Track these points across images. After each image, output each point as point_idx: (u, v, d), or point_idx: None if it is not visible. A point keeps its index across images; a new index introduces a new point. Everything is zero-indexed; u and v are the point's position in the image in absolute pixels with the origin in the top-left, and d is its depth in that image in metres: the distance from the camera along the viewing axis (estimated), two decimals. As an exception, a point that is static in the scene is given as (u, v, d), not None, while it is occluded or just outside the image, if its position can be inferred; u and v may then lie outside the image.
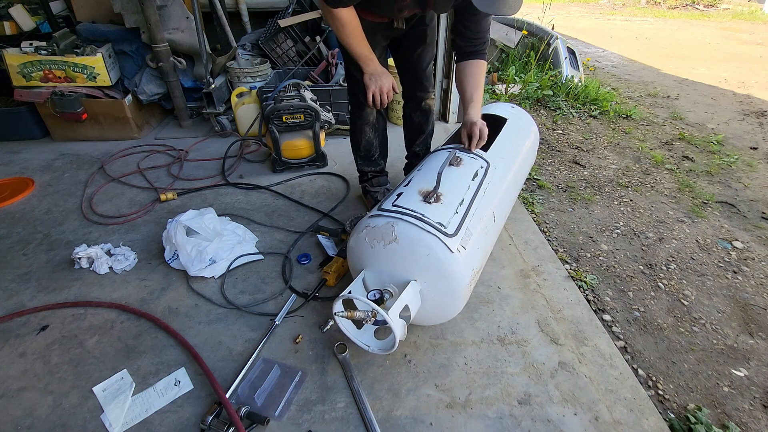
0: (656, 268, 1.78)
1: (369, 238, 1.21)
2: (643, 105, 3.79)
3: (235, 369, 1.24)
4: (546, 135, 3.06)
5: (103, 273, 1.59)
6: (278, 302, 1.48)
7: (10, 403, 1.16)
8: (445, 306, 1.23)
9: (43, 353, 1.30)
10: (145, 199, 2.10)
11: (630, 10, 10.18)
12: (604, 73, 4.94)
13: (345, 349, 1.29)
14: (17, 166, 2.43)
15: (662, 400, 1.26)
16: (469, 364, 1.28)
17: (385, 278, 1.22)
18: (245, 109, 2.54)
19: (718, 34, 7.32)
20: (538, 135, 1.96)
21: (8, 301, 1.49)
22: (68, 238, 1.82)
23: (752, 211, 2.22)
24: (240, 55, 2.92)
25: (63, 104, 2.49)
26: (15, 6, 2.78)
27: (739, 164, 2.71)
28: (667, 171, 2.60)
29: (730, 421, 1.20)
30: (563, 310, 1.49)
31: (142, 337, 1.35)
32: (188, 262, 1.56)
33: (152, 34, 2.52)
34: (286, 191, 2.16)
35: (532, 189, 2.36)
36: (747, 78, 4.68)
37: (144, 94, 2.73)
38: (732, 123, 3.41)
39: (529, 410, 1.16)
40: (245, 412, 1.10)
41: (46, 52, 2.44)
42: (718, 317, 1.56)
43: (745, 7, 10.03)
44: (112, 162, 2.46)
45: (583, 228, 2.04)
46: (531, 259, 1.72)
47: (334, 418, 1.12)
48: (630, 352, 1.41)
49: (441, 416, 1.14)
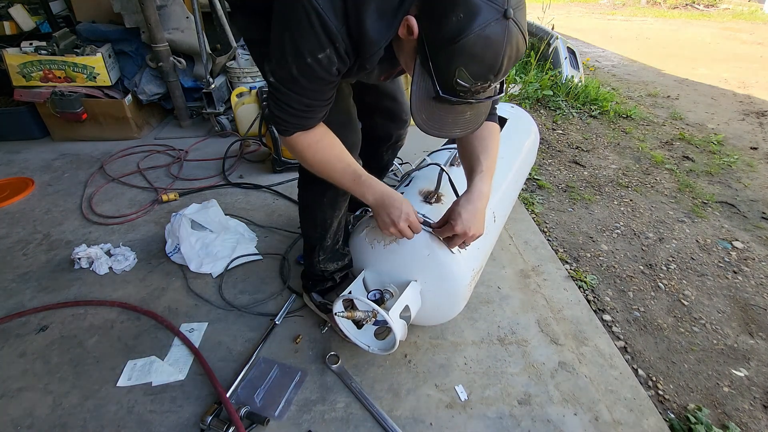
0: (656, 268, 1.78)
1: (369, 238, 1.21)
2: (643, 105, 3.79)
3: (235, 369, 1.24)
4: (546, 135, 3.06)
5: (103, 273, 1.59)
6: (278, 302, 1.48)
7: (10, 403, 1.16)
8: (445, 306, 1.23)
9: (43, 353, 1.30)
10: (145, 199, 2.10)
11: (630, 10, 10.18)
12: (604, 73, 4.94)
13: (337, 360, 1.26)
14: (17, 166, 2.43)
15: (662, 400, 1.26)
16: (469, 364, 1.28)
17: (385, 278, 1.22)
18: (245, 109, 2.53)
19: (718, 34, 7.32)
20: (538, 135, 1.96)
21: (8, 301, 1.49)
22: (68, 238, 1.82)
23: (752, 211, 2.22)
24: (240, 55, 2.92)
25: (63, 104, 2.49)
26: (15, 6, 2.78)
27: (739, 164, 2.71)
28: (667, 171, 2.60)
29: (730, 421, 1.20)
30: (563, 310, 1.48)
31: (142, 337, 1.35)
32: (191, 255, 1.56)
33: (152, 34, 2.52)
34: (286, 191, 2.16)
35: (532, 189, 2.35)
36: (747, 78, 4.67)
37: (144, 94, 2.73)
38: (732, 123, 3.41)
39: (529, 410, 1.16)
40: (245, 412, 1.10)
41: (46, 52, 2.44)
42: (719, 317, 1.56)
43: (745, 7, 10.03)
44: (112, 162, 2.46)
45: (583, 228, 2.04)
46: (531, 259, 1.72)
47: (334, 418, 1.12)
48: (630, 352, 1.41)
49: (441, 416, 1.14)
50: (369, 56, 0.81)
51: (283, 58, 0.81)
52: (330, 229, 1.23)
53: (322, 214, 1.20)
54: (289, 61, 0.81)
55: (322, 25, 0.75)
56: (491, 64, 0.72)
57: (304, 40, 0.77)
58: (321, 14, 0.73)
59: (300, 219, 1.30)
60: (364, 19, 0.75)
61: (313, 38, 0.76)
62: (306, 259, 1.35)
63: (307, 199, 1.22)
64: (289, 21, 0.77)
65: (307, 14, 0.74)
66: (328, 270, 1.32)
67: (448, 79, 0.75)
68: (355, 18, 0.76)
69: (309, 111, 0.90)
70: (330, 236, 1.25)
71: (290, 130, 0.93)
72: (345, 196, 1.20)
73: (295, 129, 0.93)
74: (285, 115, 0.90)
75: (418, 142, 2.68)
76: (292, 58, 0.80)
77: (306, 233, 1.30)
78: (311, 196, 1.19)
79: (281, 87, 0.86)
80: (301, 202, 1.25)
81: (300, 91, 0.86)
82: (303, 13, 0.74)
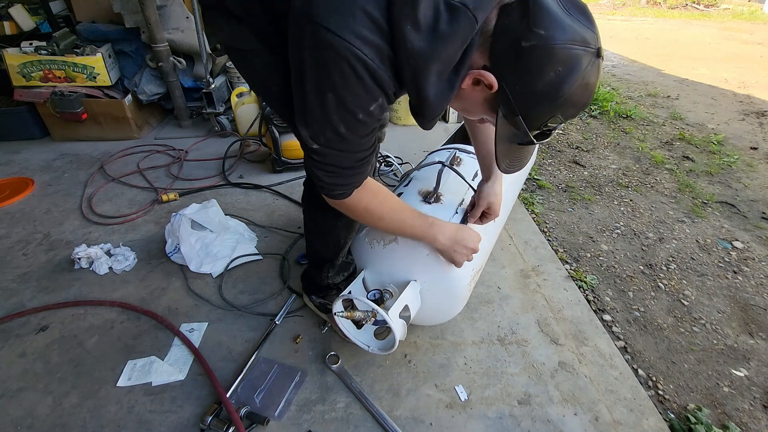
0: (656, 268, 1.78)
1: (369, 238, 1.21)
2: (643, 105, 3.79)
3: (235, 369, 1.24)
4: (546, 135, 3.05)
5: (103, 273, 1.59)
6: (278, 302, 1.48)
7: (10, 403, 1.16)
8: (445, 306, 1.23)
9: (43, 353, 1.30)
10: (145, 199, 2.10)
11: (630, 10, 10.17)
12: (604, 72, 4.94)
13: (337, 360, 1.26)
14: (17, 166, 2.43)
15: (662, 400, 1.26)
16: (469, 364, 1.28)
17: (384, 278, 1.22)
18: (245, 109, 2.54)
19: (718, 34, 7.31)
20: (538, 135, 1.96)
21: (8, 301, 1.49)
22: (68, 238, 1.82)
23: (752, 211, 2.22)
24: (240, 55, 2.91)
25: (63, 104, 2.49)
26: (15, 6, 2.78)
27: (739, 164, 2.71)
28: (667, 171, 2.60)
29: (730, 421, 1.20)
30: (563, 310, 1.48)
31: (142, 337, 1.35)
32: (191, 255, 1.56)
33: (152, 34, 2.52)
34: (286, 191, 2.16)
35: (532, 189, 2.35)
36: (747, 78, 4.67)
37: (144, 94, 2.73)
38: (732, 123, 3.40)
39: (529, 410, 1.16)
40: (245, 412, 1.10)
41: (46, 52, 2.44)
42: (719, 317, 1.56)
43: (745, 7, 10.02)
44: (112, 162, 2.46)
45: (583, 228, 2.04)
46: (531, 259, 1.72)
47: (334, 418, 1.12)
48: (630, 352, 1.41)
49: (441, 416, 1.14)
50: (430, 118, 0.75)
51: (328, 122, 0.71)
52: (344, 249, 1.20)
53: (336, 236, 1.14)
54: (334, 122, 0.71)
55: (371, 76, 0.65)
56: (585, 102, 0.69)
57: (353, 97, 0.68)
58: (369, 64, 0.63)
59: (309, 237, 1.24)
60: (424, 86, 0.68)
61: (363, 93, 0.67)
62: (314, 272, 1.30)
63: (317, 221, 1.15)
64: (330, 80, 0.65)
65: (352, 68, 0.63)
66: (335, 282, 1.30)
67: (539, 126, 0.71)
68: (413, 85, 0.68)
69: (362, 164, 0.81)
70: (342, 255, 1.22)
71: (347, 191, 0.84)
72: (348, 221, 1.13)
73: (353, 188, 0.85)
74: (339, 178, 0.81)
75: (417, 141, 2.68)
76: (339, 118, 0.70)
77: (315, 250, 1.23)
78: (324, 220, 1.11)
79: (330, 151, 0.76)
80: (312, 225, 1.18)
81: (351, 148, 0.77)
82: (347, 67, 0.63)
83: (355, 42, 0.61)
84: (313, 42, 0.63)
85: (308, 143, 0.76)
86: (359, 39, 0.61)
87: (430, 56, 0.64)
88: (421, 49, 0.63)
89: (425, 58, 0.64)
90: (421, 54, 0.64)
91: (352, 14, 0.60)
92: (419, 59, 0.64)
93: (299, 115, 0.74)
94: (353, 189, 0.85)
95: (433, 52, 0.64)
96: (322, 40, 0.62)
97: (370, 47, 0.62)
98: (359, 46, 0.61)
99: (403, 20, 0.61)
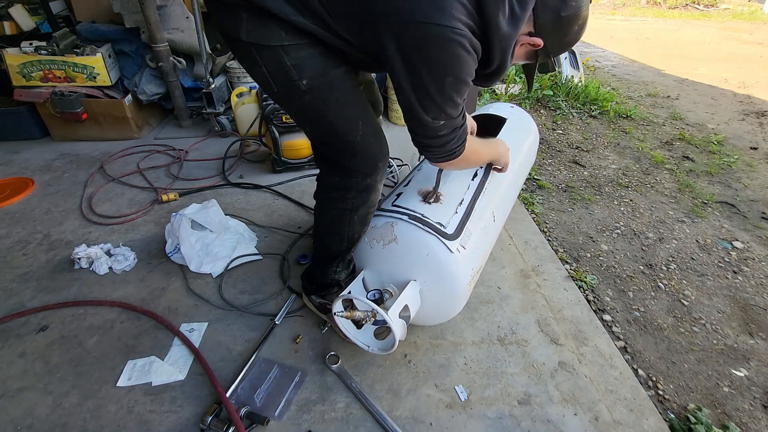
0: (656, 268, 1.78)
1: (368, 238, 1.21)
2: (643, 105, 3.79)
3: (235, 369, 1.24)
4: (546, 135, 3.06)
5: (103, 273, 1.59)
6: (278, 302, 1.48)
7: (10, 403, 1.16)
8: (445, 306, 1.23)
9: (43, 353, 1.30)
10: (145, 199, 2.10)
11: (630, 10, 10.18)
12: (604, 73, 4.94)
13: (337, 360, 1.26)
14: (17, 166, 2.43)
15: (662, 400, 1.26)
16: (469, 364, 1.28)
17: (384, 278, 1.22)
18: (245, 109, 2.53)
19: (718, 34, 7.32)
20: (538, 135, 1.96)
21: (8, 301, 1.49)
22: (68, 238, 1.82)
23: (752, 211, 2.22)
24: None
25: (63, 104, 2.49)
26: (15, 6, 2.78)
27: (739, 164, 2.71)
28: (667, 171, 2.60)
29: (730, 421, 1.20)
30: (563, 310, 1.48)
31: (142, 337, 1.35)
32: (191, 255, 1.56)
33: (152, 34, 2.52)
34: (286, 191, 2.16)
35: (532, 189, 2.35)
36: (747, 78, 4.67)
37: (144, 94, 2.73)
38: (732, 123, 3.41)
39: (529, 410, 1.16)
40: (245, 412, 1.10)
41: (46, 52, 2.44)
42: (718, 317, 1.56)
43: (745, 7, 10.03)
44: (112, 162, 2.46)
45: (583, 228, 2.04)
46: (531, 259, 1.72)
47: (334, 418, 1.12)
48: (630, 352, 1.41)
49: (441, 416, 1.14)
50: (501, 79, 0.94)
51: (449, 99, 0.88)
52: (357, 243, 1.22)
53: (351, 230, 1.17)
54: (453, 97, 0.88)
55: (473, 47, 0.82)
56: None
57: (466, 68, 0.84)
58: (472, 40, 0.80)
59: (321, 233, 1.25)
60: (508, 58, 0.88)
61: (471, 62, 0.84)
62: (319, 268, 1.30)
63: (333, 216, 1.16)
64: (446, 67, 0.82)
65: (462, 46, 0.79)
66: (340, 278, 1.30)
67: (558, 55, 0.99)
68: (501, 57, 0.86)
69: (466, 116, 1.00)
70: (355, 249, 1.25)
71: (464, 144, 1.02)
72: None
73: (466, 136, 1.02)
74: (462, 140, 1.00)
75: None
76: (456, 92, 0.87)
77: (328, 244, 1.23)
78: (341, 215, 1.14)
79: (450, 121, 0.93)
80: (327, 220, 1.18)
81: (461, 109, 0.95)
82: (458, 47, 0.79)
83: (458, 25, 0.78)
84: (423, 42, 0.79)
85: (432, 125, 0.92)
86: (461, 23, 0.78)
87: (513, 36, 0.84)
88: (508, 31, 0.83)
89: (511, 38, 0.84)
90: (508, 35, 0.83)
91: (452, 5, 0.77)
92: (509, 39, 0.84)
93: (419, 106, 0.88)
94: (462, 142, 1.02)
95: (514, 32, 0.84)
96: (433, 35, 0.78)
97: (469, 28, 0.80)
98: (461, 29, 0.78)
99: (497, 11, 0.80)
